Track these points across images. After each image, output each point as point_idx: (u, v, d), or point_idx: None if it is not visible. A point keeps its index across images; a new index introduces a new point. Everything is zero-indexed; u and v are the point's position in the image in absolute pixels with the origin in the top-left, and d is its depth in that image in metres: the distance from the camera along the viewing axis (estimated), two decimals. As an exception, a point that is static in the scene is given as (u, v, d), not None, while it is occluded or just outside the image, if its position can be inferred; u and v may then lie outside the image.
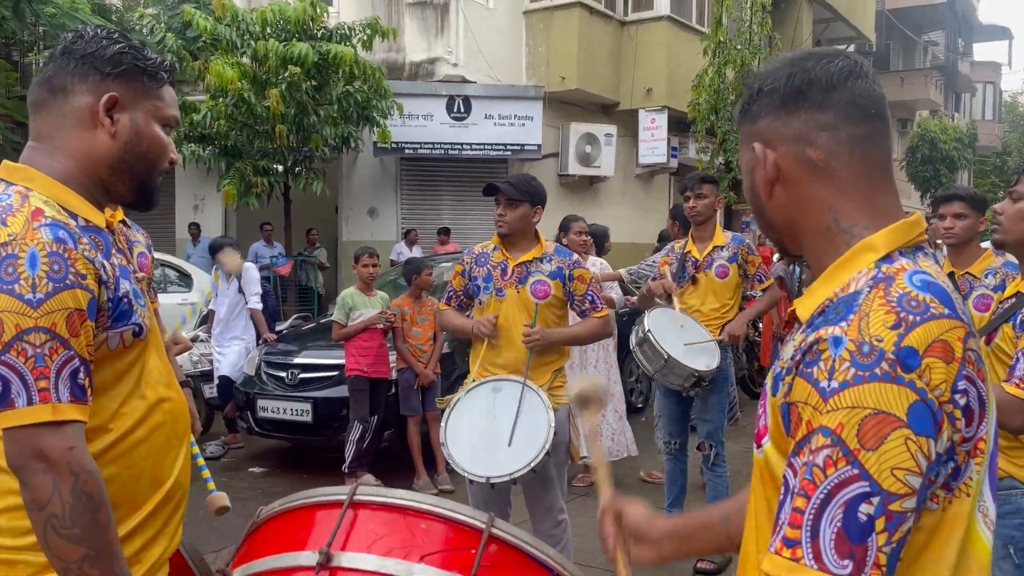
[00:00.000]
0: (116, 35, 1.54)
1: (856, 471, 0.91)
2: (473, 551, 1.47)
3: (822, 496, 0.92)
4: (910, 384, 0.92)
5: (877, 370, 0.92)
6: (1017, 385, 2.17)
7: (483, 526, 1.51)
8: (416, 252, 11.62)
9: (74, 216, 1.45)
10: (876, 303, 0.98)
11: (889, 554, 0.91)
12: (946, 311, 0.98)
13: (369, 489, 1.60)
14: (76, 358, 1.36)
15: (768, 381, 1.11)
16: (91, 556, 1.34)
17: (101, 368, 1.46)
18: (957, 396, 0.95)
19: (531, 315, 3.47)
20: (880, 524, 0.90)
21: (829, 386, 0.94)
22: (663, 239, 8.27)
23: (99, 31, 1.54)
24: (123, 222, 3.06)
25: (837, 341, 0.96)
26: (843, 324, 0.98)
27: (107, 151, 1.51)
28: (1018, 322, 2.35)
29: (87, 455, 1.37)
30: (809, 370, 0.98)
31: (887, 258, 1.06)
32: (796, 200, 1.14)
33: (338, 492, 1.62)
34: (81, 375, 1.37)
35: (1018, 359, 2.22)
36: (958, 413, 0.95)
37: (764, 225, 1.23)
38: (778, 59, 1.20)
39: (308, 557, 1.49)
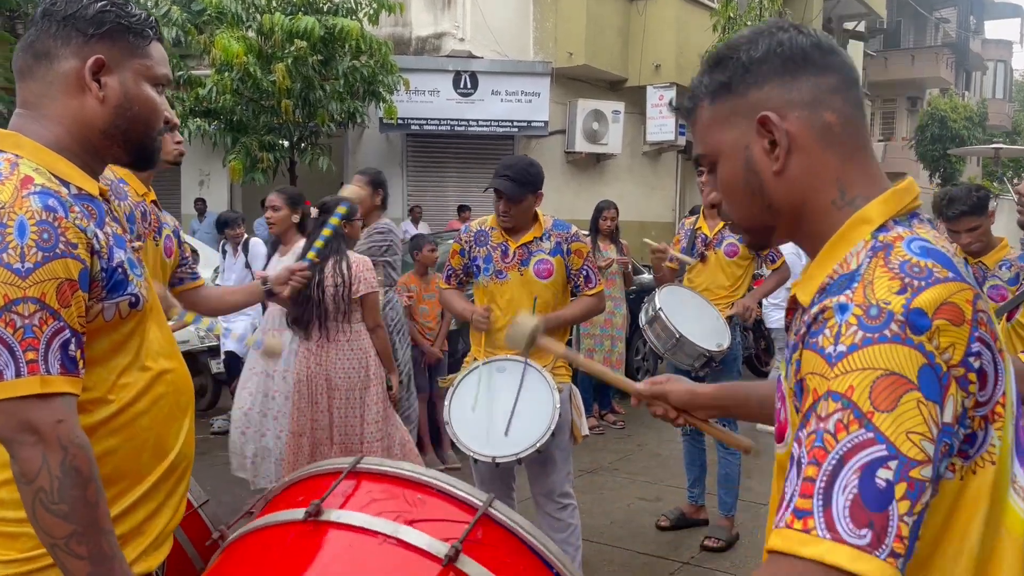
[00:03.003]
0: None
1: (871, 434, 0.86)
2: (464, 525, 1.49)
3: (834, 462, 0.86)
4: (919, 347, 0.88)
5: (887, 331, 0.89)
6: None
7: (480, 504, 1.51)
8: (422, 229, 11.59)
9: (66, 184, 1.41)
10: (878, 271, 0.95)
11: (911, 525, 0.85)
12: (950, 274, 0.95)
13: (373, 459, 1.62)
14: (67, 329, 1.32)
15: (781, 371, 1.08)
16: (78, 532, 1.31)
17: (97, 339, 1.43)
18: (971, 359, 0.91)
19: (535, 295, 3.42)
20: (900, 491, 0.84)
21: (835, 351, 0.91)
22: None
23: None
24: (155, 203, 3.03)
25: (843, 308, 0.93)
26: (848, 292, 0.95)
27: (97, 116, 1.46)
28: None
29: (77, 429, 1.33)
30: (815, 339, 0.94)
31: (882, 228, 1.03)
32: (807, 172, 1.07)
33: (342, 462, 1.64)
34: (72, 347, 1.33)
35: None
36: (972, 376, 0.92)
37: (760, 209, 1.11)
38: (744, 33, 1.13)
39: (298, 513, 1.51)
